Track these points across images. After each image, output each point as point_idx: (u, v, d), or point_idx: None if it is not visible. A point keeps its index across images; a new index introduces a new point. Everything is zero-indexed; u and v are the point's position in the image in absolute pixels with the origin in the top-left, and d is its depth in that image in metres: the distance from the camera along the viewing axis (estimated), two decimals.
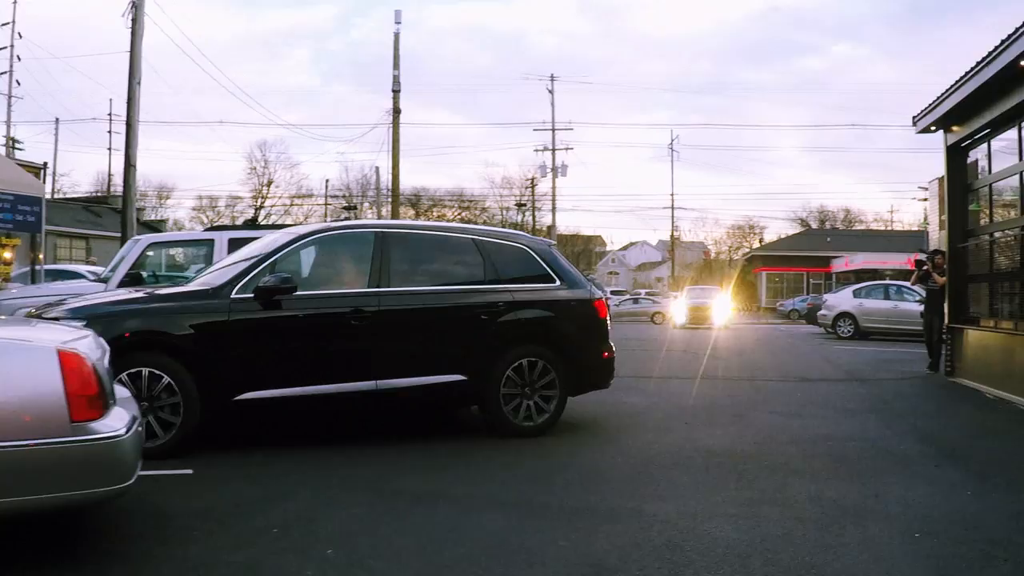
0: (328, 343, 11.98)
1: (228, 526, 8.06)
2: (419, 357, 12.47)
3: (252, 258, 12.39)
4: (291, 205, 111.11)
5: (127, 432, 6.81)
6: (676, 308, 57.95)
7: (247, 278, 11.79)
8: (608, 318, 14.15)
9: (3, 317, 10.57)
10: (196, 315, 11.20)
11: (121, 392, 7.73)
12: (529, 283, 13.45)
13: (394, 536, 7.83)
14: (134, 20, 32.08)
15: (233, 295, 11.63)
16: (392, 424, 13.43)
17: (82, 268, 30.47)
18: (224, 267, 12.88)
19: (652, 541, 7.70)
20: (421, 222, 22.07)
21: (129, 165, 31.76)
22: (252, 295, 11.62)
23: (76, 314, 10.85)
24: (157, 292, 12.26)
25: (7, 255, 24.92)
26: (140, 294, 12.12)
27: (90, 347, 7.13)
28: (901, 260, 70.12)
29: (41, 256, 25.53)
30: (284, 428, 12.83)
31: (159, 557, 7.15)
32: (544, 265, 13.69)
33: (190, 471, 9.96)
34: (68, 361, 6.55)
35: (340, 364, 11.92)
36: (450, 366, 12.51)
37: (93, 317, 10.65)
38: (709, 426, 13.94)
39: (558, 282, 13.62)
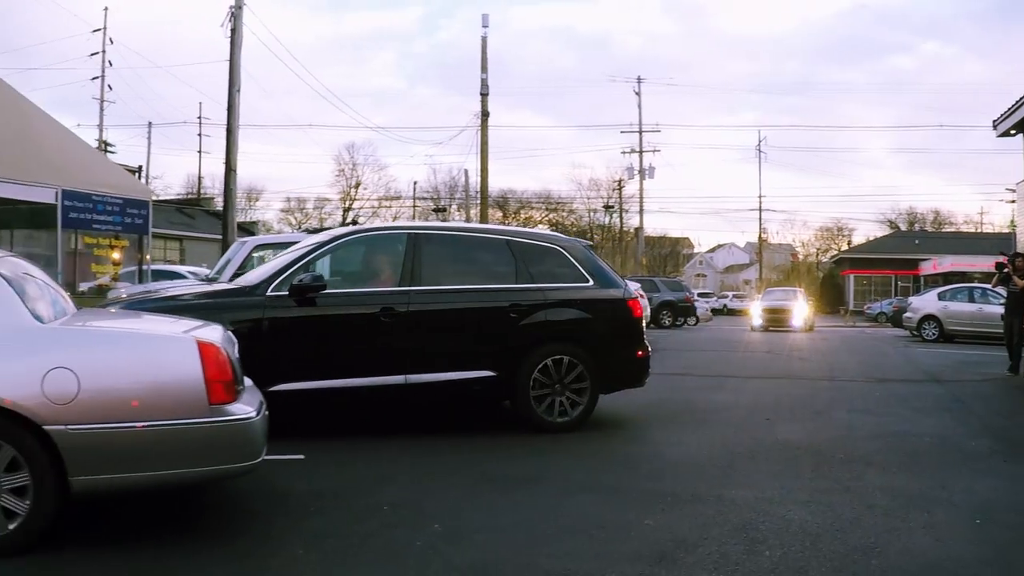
0: (359, 339, 12.42)
1: (341, 504, 8.87)
2: (448, 353, 12.83)
3: (290, 258, 13.03)
4: (379, 207, 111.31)
5: (257, 415, 7.70)
6: (753, 310, 57.44)
7: (282, 277, 12.40)
8: (643, 318, 14.25)
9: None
10: (234, 311, 11.66)
11: (247, 381, 8.54)
12: (560, 282, 13.62)
13: (495, 514, 8.60)
14: (233, 30, 32.98)
15: (268, 292, 12.23)
16: (490, 414, 14.09)
17: (183, 269, 31.26)
18: (265, 267, 13.63)
19: (731, 522, 8.33)
20: (454, 224, 22.54)
21: (230, 170, 32.72)
22: (287, 292, 12.21)
23: (130, 308, 11.65)
24: (201, 290, 12.99)
25: (116, 256, 25.74)
26: (188, 291, 12.83)
27: (224, 339, 8.04)
28: (990, 262, 69.26)
29: (148, 257, 26.40)
30: (390, 417, 13.61)
31: (281, 530, 7.97)
32: (577, 265, 13.83)
33: (302, 456, 10.70)
34: (206, 351, 7.43)
35: (370, 359, 12.35)
36: (479, 362, 12.84)
37: (143, 311, 11.25)
38: (789, 422, 14.41)
39: (591, 282, 13.76)
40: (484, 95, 50.74)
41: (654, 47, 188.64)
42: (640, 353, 14.05)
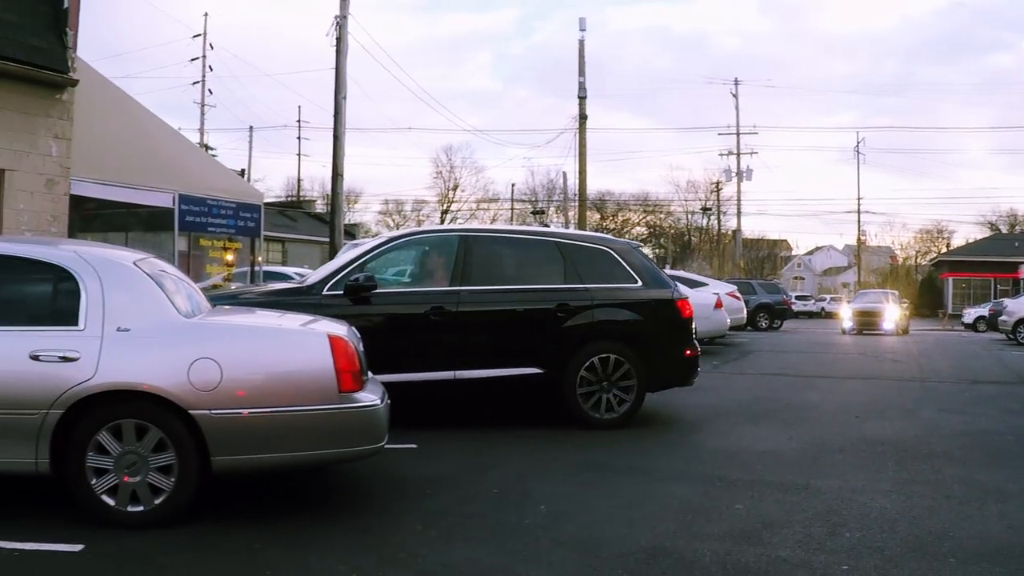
0: (410, 336, 12.89)
1: (453, 487, 9.65)
2: (496, 351, 13.21)
3: (346, 259, 13.70)
4: (477, 209, 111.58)
5: (381, 402, 8.52)
6: (843, 313, 56.91)
7: (338, 277, 13.10)
8: (692, 318, 14.48)
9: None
10: (291, 309, 11.79)
11: (370, 374, 9.31)
12: (608, 283, 13.84)
13: (596, 498, 9.28)
14: (338, 39, 33.78)
15: (324, 292, 12.93)
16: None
17: (289, 270, 32.04)
18: (323, 267, 14.27)
19: (815, 507, 8.96)
20: (505, 226, 22.80)
21: (337, 175, 33.58)
22: (342, 292, 12.88)
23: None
24: (265, 289, 13.69)
25: (229, 257, 26.58)
26: (252, 290, 13.56)
27: (350, 333, 8.89)
28: None
29: (260, 258, 27.30)
30: (493, 411, 14.30)
31: (399, 509, 8.75)
32: (626, 266, 14.03)
33: (414, 445, 11.43)
34: (336, 344, 8.25)
35: (420, 355, 12.79)
36: (526, 360, 13.19)
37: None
38: (877, 419, 14.88)
39: (639, 282, 13.94)
40: (582, 98, 50.84)
41: (751, 47, 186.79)
42: (688, 352, 14.27)
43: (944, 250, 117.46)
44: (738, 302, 35.02)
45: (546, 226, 31.78)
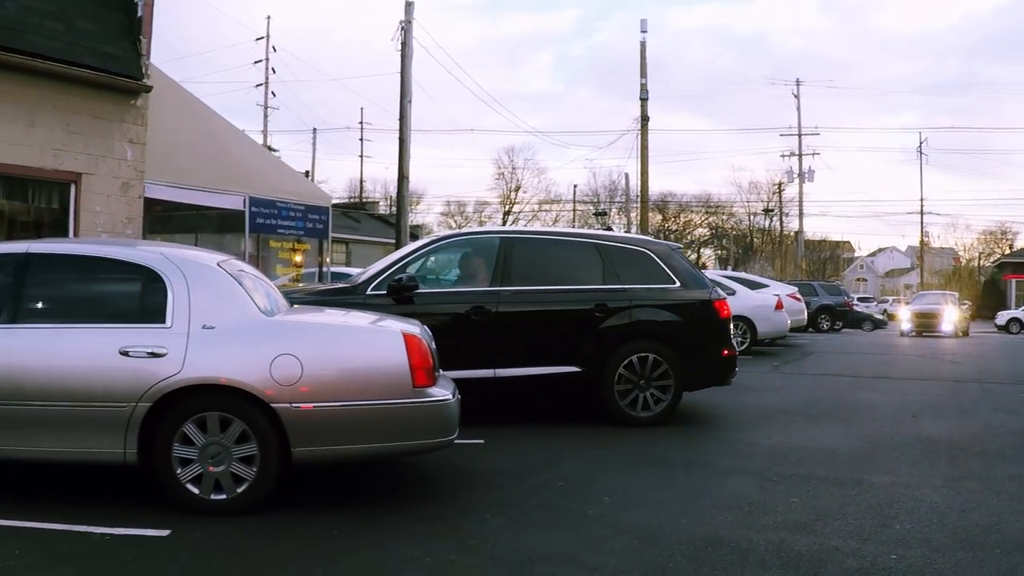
0: (450, 335, 12.58)
1: (519, 480, 10.08)
2: (535, 349, 13.45)
3: (390, 260, 14.10)
4: (539, 210, 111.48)
5: (452, 397, 8.95)
6: (901, 314, 56.21)
7: (382, 277, 13.50)
8: (729, 319, 14.77)
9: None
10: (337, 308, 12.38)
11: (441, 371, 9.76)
12: (647, 284, 14.04)
13: (656, 490, 9.68)
14: (403, 44, 34.24)
15: (368, 291, 13.30)
16: None
17: (354, 271, 32.47)
18: (370, 268, 14.57)
19: (867, 501, 9.29)
20: (545, 228, 22.65)
21: (403, 177, 34.09)
22: (385, 292, 13.25)
23: None
24: (312, 288, 14.06)
25: (298, 259, 27.08)
26: (301, 290, 13.93)
27: (424, 332, 9.34)
28: None
29: (328, 259, 27.74)
30: (555, 408, 14.64)
31: (469, 500, 9.22)
32: (664, 267, 14.23)
33: (481, 441, 11.83)
34: (410, 341, 8.69)
35: (461, 353, 12.68)
36: (565, 358, 13.43)
37: None
38: (933, 419, 15.04)
39: (677, 283, 14.14)
40: (643, 100, 50.76)
41: (812, 47, 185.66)
42: (726, 352, 14.47)
43: (1007, 252, 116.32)
44: (799, 303, 35.09)
45: (609, 228, 31.97)
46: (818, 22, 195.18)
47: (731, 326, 14.84)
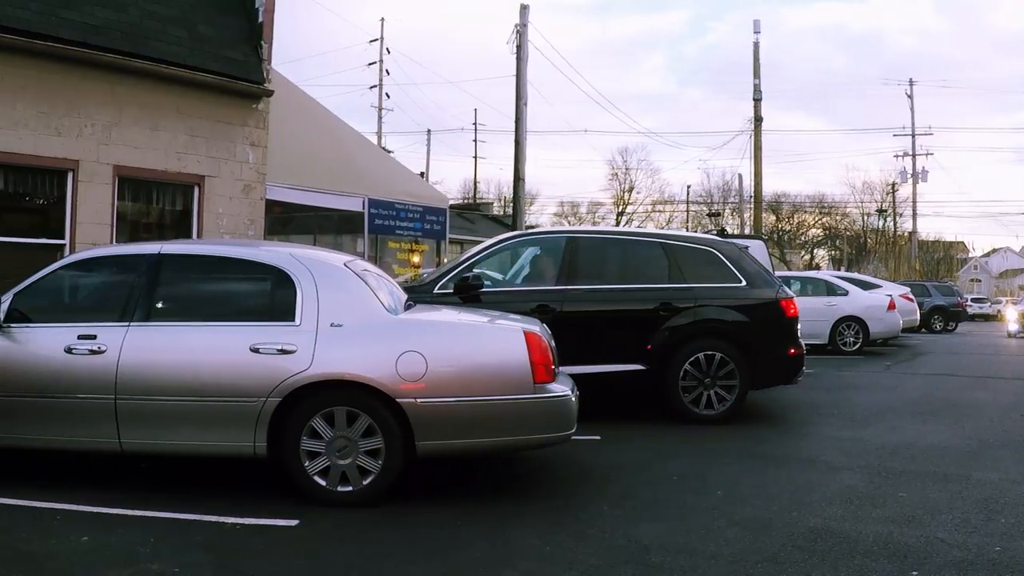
0: None
1: (634, 474, 10.39)
2: (599, 347, 13.53)
3: (460, 259, 14.39)
4: (652, 211, 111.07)
5: (571, 393, 9.23)
6: (1008, 315, 54.85)
7: (449, 276, 13.80)
8: (796, 317, 14.68)
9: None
10: None
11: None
12: (712, 283, 14.15)
13: (767, 484, 9.96)
14: (518, 47, 34.47)
15: (435, 290, 13.61)
16: (753, 405, 15.12)
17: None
18: (441, 267, 14.98)
19: (974, 496, 9.49)
20: (611, 228, 22.41)
21: (518, 179, 34.39)
22: (451, 290, 13.53)
23: None
24: None
25: (416, 259, 27.46)
26: None
27: (544, 330, 9.65)
28: None
29: (445, 260, 28.08)
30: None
31: (587, 492, 9.52)
32: (730, 266, 14.32)
33: (598, 437, 12.11)
34: (531, 339, 8.99)
35: None
36: (630, 356, 13.57)
37: None
38: None
39: (743, 282, 14.24)
40: (757, 100, 50.33)
41: (926, 46, 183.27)
42: (792, 351, 14.51)
43: None
44: (911, 304, 35.00)
45: (723, 229, 32.02)
46: (932, 21, 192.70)
47: (798, 325, 14.78)
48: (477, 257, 14.38)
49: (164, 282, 9.27)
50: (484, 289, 13.75)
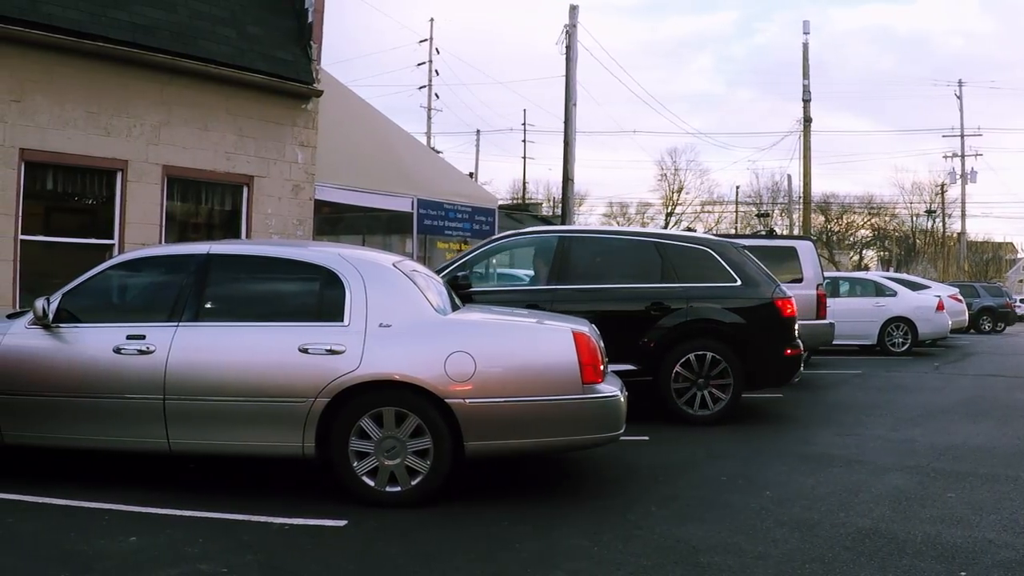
0: None
1: (683, 474, 10.39)
2: None
3: (455, 259, 14.44)
4: (701, 211, 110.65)
5: (620, 394, 9.20)
6: None
7: (442, 275, 13.45)
8: (794, 317, 14.42)
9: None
10: None
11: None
12: (706, 282, 14.06)
13: (816, 485, 9.91)
14: (568, 48, 34.51)
15: None
16: (802, 406, 15.13)
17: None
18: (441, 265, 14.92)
19: (1023, 496, 9.43)
20: (603, 228, 22.42)
21: (567, 179, 34.41)
22: None
23: None
24: None
25: (495, 260, 27.48)
26: None
27: (593, 331, 9.63)
28: None
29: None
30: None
31: (634, 492, 9.53)
32: (725, 266, 14.20)
33: (646, 437, 12.14)
34: (580, 339, 8.98)
35: None
36: (621, 356, 12.81)
37: None
38: None
39: (738, 282, 14.10)
40: (806, 101, 50.12)
41: (974, 47, 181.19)
42: (788, 352, 14.26)
43: None
44: (960, 305, 34.85)
45: (771, 230, 31.99)
46: (979, 22, 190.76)
47: (796, 324, 14.57)
48: (469, 256, 14.50)
49: (213, 282, 9.30)
50: (474, 289, 13.81)
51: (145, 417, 8.78)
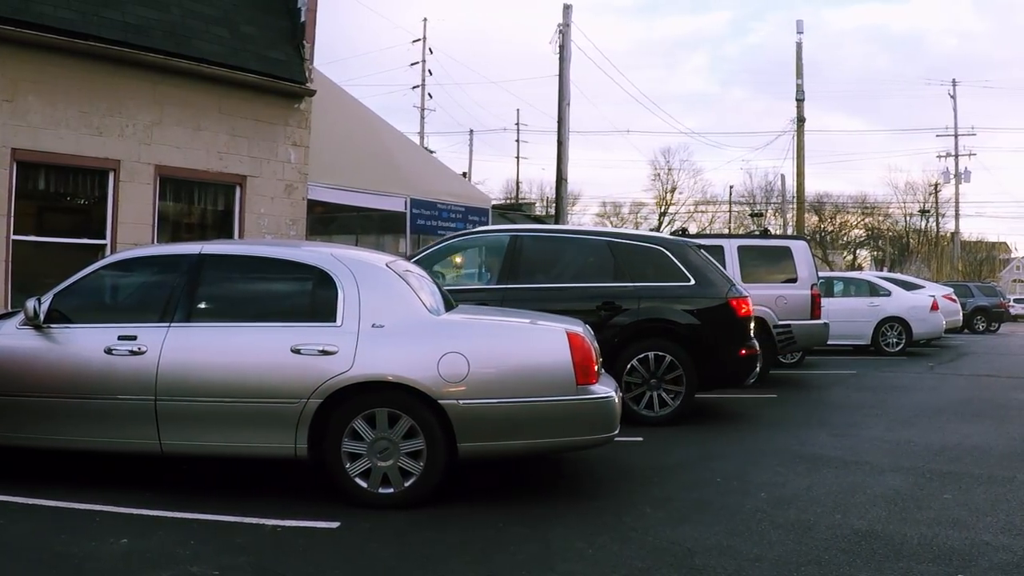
0: None
1: (678, 475, 10.35)
2: None
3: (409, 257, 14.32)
4: (694, 211, 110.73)
5: (614, 395, 9.15)
6: None
7: None
8: (749, 317, 14.39)
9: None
10: None
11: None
12: (659, 281, 14.03)
13: (812, 487, 9.86)
14: (561, 47, 34.45)
15: None
16: (796, 406, 15.09)
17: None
18: None
19: (1019, 498, 9.41)
20: (556, 227, 23.03)
21: (561, 179, 34.33)
22: None
23: None
24: None
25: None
26: None
27: (587, 331, 9.60)
28: None
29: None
30: (715, 410, 14.75)
31: (629, 494, 9.49)
32: (679, 265, 14.12)
33: (640, 438, 12.13)
34: (574, 340, 8.95)
35: None
36: None
37: None
38: None
39: (692, 281, 14.02)
40: (800, 101, 50.23)
41: (967, 46, 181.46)
42: (743, 352, 14.19)
43: None
44: (954, 305, 34.87)
45: (765, 230, 32.04)
46: (973, 22, 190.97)
47: (751, 325, 14.51)
48: (422, 255, 14.52)
49: (205, 282, 9.27)
50: None
51: (136, 418, 8.73)
